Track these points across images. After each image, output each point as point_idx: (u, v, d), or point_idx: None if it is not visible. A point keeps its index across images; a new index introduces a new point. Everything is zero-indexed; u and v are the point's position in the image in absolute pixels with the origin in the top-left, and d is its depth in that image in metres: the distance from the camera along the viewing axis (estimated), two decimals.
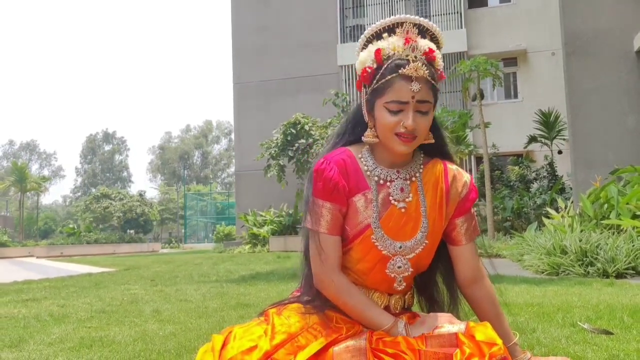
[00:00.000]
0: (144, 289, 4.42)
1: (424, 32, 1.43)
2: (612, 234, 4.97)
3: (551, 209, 7.33)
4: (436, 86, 1.39)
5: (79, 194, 65.19)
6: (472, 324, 1.30)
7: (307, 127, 13.76)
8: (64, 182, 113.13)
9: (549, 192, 10.29)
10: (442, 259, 1.57)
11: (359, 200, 1.44)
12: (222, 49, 72.52)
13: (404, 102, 1.35)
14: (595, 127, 8.19)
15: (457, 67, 9.75)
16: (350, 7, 17.59)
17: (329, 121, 13.86)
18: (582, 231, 5.28)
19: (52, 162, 70.48)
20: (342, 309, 1.44)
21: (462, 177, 1.52)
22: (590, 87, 8.23)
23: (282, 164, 13.97)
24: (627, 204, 5.40)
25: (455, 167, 1.54)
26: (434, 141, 1.47)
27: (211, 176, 66.33)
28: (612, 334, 1.86)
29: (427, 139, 1.45)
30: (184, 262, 9.50)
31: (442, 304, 1.61)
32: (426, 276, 1.60)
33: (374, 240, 1.42)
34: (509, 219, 10.58)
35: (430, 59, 1.38)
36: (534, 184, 11.93)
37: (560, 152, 12.62)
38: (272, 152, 13.91)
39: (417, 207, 1.46)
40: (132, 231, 34.68)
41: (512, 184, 11.92)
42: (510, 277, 4.28)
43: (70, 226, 30.10)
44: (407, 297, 1.55)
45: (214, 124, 69.62)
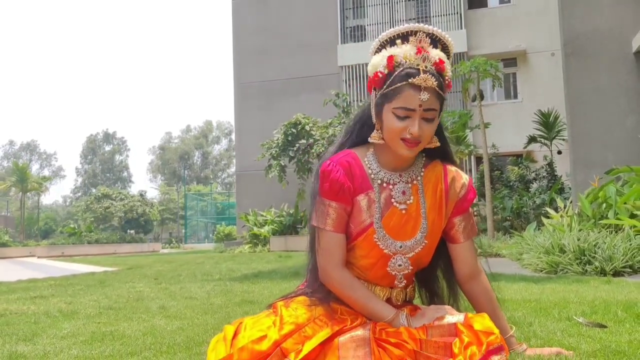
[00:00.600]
0: (149, 287, 4.49)
1: (436, 41, 1.49)
2: (610, 233, 5.04)
3: (550, 209, 7.40)
4: (443, 95, 1.46)
5: (79, 194, 65.25)
6: (470, 315, 1.38)
7: (307, 127, 13.82)
8: (64, 183, 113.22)
9: (548, 192, 10.36)
10: (442, 255, 1.65)
11: (362, 199, 1.52)
12: (222, 50, 72.81)
13: (411, 109, 1.42)
14: (594, 128, 8.26)
15: (457, 68, 9.81)
16: (350, 8, 17.65)
17: (330, 121, 13.93)
18: (580, 230, 5.34)
19: (52, 163, 70.61)
20: (346, 302, 1.51)
21: (460, 178, 1.60)
22: (589, 87, 8.30)
23: (283, 164, 14.03)
24: (625, 203, 5.47)
25: (454, 168, 1.61)
26: (439, 145, 1.55)
27: (211, 176, 66.40)
28: (605, 327, 1.93)
29: (432, 142, 1.53)
30: (185, 261, 9.56)
31: (442, 297, 1.69)
32: (427, 271, 1.68)
33: (375, 239, 1.50)
34: (508, 218, 10.65)
35: (439, 69, 1.45)
36: (533, 184, 12.00)
37: (559, 152, 12.69)
38: (273, 152, 13.97)
39: (418, 209, 1.54)
40: (132, 231, 34.75)
41: (511, 184, 11.98)
42: (508, 275, 4.35)
43: (71, 226, 30.17)
44: (408, 290, 1.63)
45: (214, 124, 69.71)
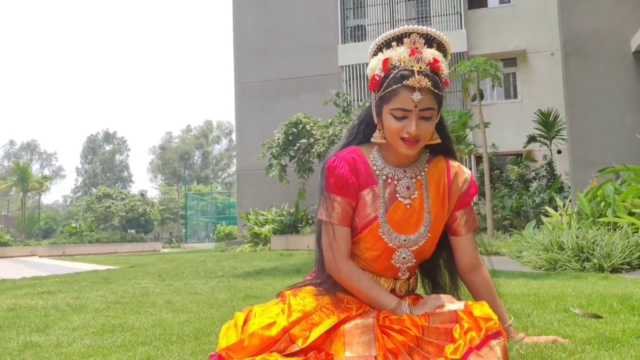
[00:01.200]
0: (153, 283, 4.55)
1: (431, 40, 1.55)
2: (608, 231, 5.10)
3: (550, 208, 7.45)
4: (440, 94, 1.51)
5: (80, 193, 65.31)
6: (470, 303, 1.44)
7: (308, 126, 13.88)
8: (65, 182, 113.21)
9: (548, 191, 10.41)
10: (444, 248, 1.71)
11: (367, 194, 1.58)
12: (222, 49, 72.81)
13: (408, 110, 1.48)
14: (593, 127, 8.30)
15: (457, 68, 9.87)
16: (351, 8, 17.70)
17: (330, 121, 13.99)
18: (579, 228, 5.40)
19: (52, 162, 70.66)
20: (351, 292, 1.58)
21: (463, 174, 1.66)
22: (588, 87, 8.35)
23: (283, 163, 14.09)
24: (624, 201, 5.53)
25: (457, 163, 1.68)
26: (440, 141, 1.60)
27: (211, 176, 66.45)
28: (601, 317, 1.99)
29: (433, 139, 1.59)
30: (187, 260, 9.63)
31: (444, 287, 1.75)
32: (430, 263, 1.74)
33: (380, 233, 1.57)
34: (508, 217, 10.70)
35: (434, 68, 1.50)
36: (533, 183, 12.06)
37: (559, 151, 12.74)
38: (274, 151, 14.03)
39: (421, 203, 1.60)
40: (132, 231, 34.80)
41: (511, 183, 12.04)
42: (508, 272, 4.40)
43: (72, 225, 30.23)
44: (411, 281, 1.69)
45: (214, 124, 69.77)
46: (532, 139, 12.76)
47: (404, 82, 1.47)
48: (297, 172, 14.05)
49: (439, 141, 1.60)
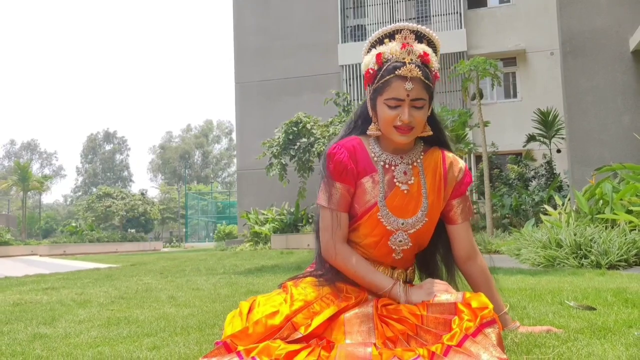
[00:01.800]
0: (156, 280, 4.60)
1: (421, 37, 1.64)
2: (606, 228, 5.15)
3: (549, 206, 7.50)
4: (430, 85, 1.58)
5: (80, 193, 65.34)
6: (468, 294, 1.49)
7: (308, 126, 13.93)
8: (65, 182, 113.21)
9: (547, 189, 10.46)
10: (441, 238, 1.78)
11: (367, 181, 1.65)
12: (222, 49, 72.83)
13: (401, 99, 1.56)
14: (591, 126, 8.35)
15: (457, 67, 9.92)
16: (351, 7, 17.75)
17: (330, 120, 14.04)
18: (577, 226, 5.45)
19: (52, 162, 70.69)
20: (347, 275, 1.63)
21: (458, 163, 1.74)
22: (586, 86, 8.39)
23: (283, 162, 14.13)
24: (621, 199, 5.58)
25: (451, 154, 1.75)
26: (432, 134, 1.67)
27: (212, 175, 66.49)
28: (595, 309, 2.04)
29: (425, 131, 1.65)
30: (188, 258, 9.68)
31: (441, 278, 1.81)
32: (427, 254, 1.80)
33: (379, 217, 1.63)
34: (507, 216, 10.76)
35: (425, 61, 1.59)
36: (532, 182, 12.11)
37: (558, 150, 12.78)
38: (274, 150, 14.08)
39: (419, 189, 1.66)
40: (133, 230, 34.86)
41: (510, 182, 12.09)
42: (507, 268, 4.46)
43: (72, 225, 30.29)
44: (408, 272, 1.75)
45: (214, 124, 69.82)
46: (531, 138, 12.81)
47: (397, 72, 1.56)
48: (297, 172, 14.10)
49: (430, 133, 1.67)
